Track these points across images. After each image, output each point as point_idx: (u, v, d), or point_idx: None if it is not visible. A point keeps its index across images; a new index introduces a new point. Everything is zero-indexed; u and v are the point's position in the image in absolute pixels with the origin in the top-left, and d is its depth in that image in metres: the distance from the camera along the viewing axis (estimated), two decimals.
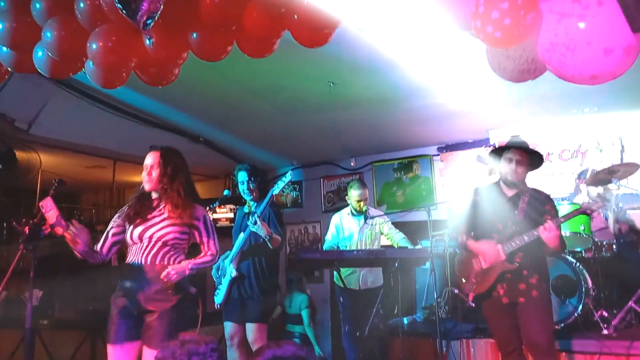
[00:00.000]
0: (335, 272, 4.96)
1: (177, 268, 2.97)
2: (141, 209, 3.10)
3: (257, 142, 6.41)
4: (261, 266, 4.29)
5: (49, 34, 2.85)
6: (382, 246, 5.12)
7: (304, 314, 6.12)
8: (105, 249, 3.17)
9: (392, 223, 5.19)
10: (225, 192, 4.82)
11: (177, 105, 5.31)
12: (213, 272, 4.39)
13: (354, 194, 4.99)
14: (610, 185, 4.43)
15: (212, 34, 2.79)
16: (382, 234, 5.11)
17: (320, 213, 7.24)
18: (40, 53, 3.03)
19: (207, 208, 5.80)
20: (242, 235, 4.24)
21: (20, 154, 5.53)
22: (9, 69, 3.33)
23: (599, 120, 5.42)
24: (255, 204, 4.42)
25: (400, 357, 4.63)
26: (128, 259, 3.09)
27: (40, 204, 2.84)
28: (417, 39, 3.68)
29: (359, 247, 4.95)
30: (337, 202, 7.08)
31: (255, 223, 4.08)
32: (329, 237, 5.17)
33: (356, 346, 4.91)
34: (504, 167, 3.49)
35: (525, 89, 4.51)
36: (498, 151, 3.58)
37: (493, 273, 3.42)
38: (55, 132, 5.25)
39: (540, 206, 3.42)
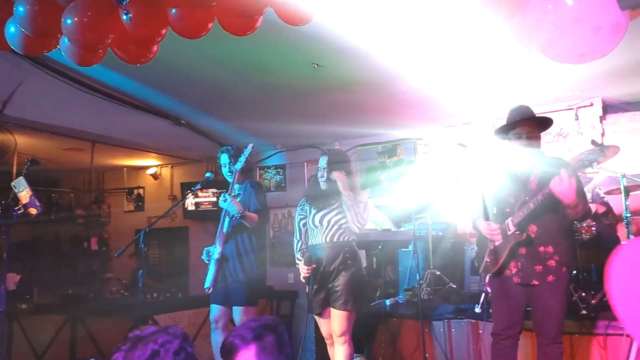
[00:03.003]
0: None
1: None
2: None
3: (240, 125, 6.33)
4: (244, 248, 4.26)
5: (21, 9, 2.75)
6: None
7: None
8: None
9: (376, 206, 5.18)
10: (207, 175, 4.75)
11: (158, 86, 5.21)
12: (203, 255, 4.36)
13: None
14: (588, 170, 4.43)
15: (192, 10, 2.71)
16: None
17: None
18: (12, 29, 2.93)
19: (189, 191, 5.81)
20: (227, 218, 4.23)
21: None
22: None
23: (580, 103, 5.46)
24: (239, 187, 4.38)
25: (383, 339, 4.66)
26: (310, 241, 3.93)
27: (12, 183, 2.76)
28: (402, 23, 3.65)
29: None
30: None
31: (225, 200, 4.08)
32: None
33: None
34: (516, 144, 3.34)
35: (507, 75, 4.53)
36: (504, 129, 3.43)
37: (504, 249, 3.27)
38: (31, 113, 5.11)
39: (556, 173, 3.05)
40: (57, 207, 8.37)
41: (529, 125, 3.33)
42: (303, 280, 3.82)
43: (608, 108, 5.52)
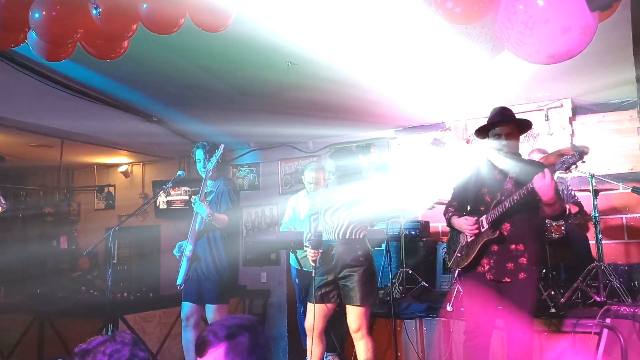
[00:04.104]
0: (291, 254, 4.94)
1: None
2: None
3: (213, 122, 6.27)
4: (216, 246, 4.25)
5: None
6: None
7: None
8: None
9: None
10: (179, 173, 4.70)
11: (129, 83, 5.13)
12: (175, 251, 4.32)
13: (307, 176, 4.96)
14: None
15: (163, 5, 2.67)
16: None
17: (277, 195, 7.18)
18: None
19: (160, 190, 5.74)
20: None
21: None
22: None
23: (550, 104, 5.55)
24: (212, 183, 4.37)
25: None
26: None
27: None
28: (377, 21, 3.65)
29: None
30: (295, 184, 7.03)
31: (195, 203, 4.08)
32: (285, 219, 5.14)
33: None
34: (495, 144, 3.39)
35: (478, 76, 4.58)
36: (484, 129, 3.48)
37: (476, 245, 3.34)
38: None
39: (531, 175, 3.09)
40: (25, 205, 8.19)
41: (508, 126, 3.39)
42: (312, 264, 3.79)
43: (577, 109, 5.63)
